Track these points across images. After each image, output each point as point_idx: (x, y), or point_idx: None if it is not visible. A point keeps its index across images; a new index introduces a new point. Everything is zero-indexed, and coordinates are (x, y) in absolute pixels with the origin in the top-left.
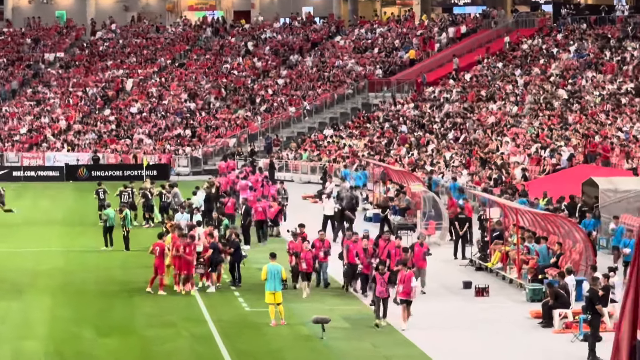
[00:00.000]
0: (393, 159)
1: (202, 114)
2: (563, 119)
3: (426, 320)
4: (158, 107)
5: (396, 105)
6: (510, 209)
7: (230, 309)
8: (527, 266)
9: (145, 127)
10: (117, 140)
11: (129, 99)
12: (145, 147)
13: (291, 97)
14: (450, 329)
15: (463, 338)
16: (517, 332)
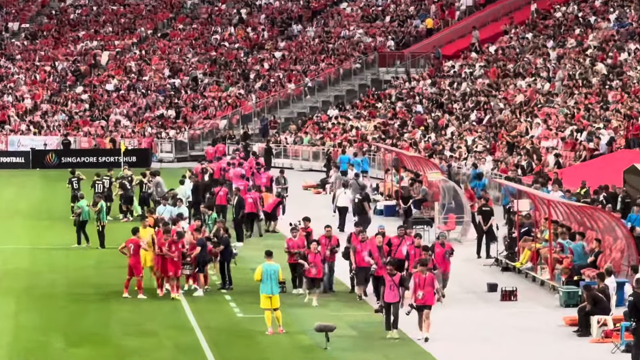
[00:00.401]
0: (407, 144)
1: (188, 92)
2: (602, 98)
3: (445, 329)
4: (137, 83)
5: (411, 82)
6: (542, 201)
7: (220, 315)
8: (560, 266)
9: (122, 107)
10: (90, 122)
11: (105, 75)
12: (123, 130)
13: (290, 72)
14: (473, 339)
15: (487, 349)
16: (549, 341)
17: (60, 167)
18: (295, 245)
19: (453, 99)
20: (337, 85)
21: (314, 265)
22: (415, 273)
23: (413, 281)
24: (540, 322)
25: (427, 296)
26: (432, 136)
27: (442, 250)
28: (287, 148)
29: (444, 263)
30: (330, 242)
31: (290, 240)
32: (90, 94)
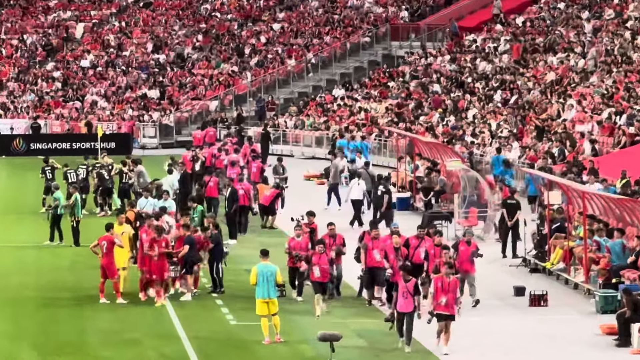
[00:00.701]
0: (423, 128)
1: (175, 69)
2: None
3: (466, 339)
4: (117, 59)
5: (427, 58)
6: (576, 193)
7: (211, 322)
8: (597, 267)
9: (100, 86)
10: (63, 103)
11: (79, 50)
12: (101, 112)
13: (290, 47)
14: (497, 350)
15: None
16: (583, 353)
17: (28, 154)
18: (298, 246)
19: (475, 77)
20: (344, 61)
21: (318, 268)
22: (437, 277)
23: (434, 286)
24: (573, 331)
25: (450, 303)
26: (452, 119)
27: (468, 250)
28: (287, 133)
29: (467, 264)
30: (335, 242)
31: (292, 241)
32: (63, 72)
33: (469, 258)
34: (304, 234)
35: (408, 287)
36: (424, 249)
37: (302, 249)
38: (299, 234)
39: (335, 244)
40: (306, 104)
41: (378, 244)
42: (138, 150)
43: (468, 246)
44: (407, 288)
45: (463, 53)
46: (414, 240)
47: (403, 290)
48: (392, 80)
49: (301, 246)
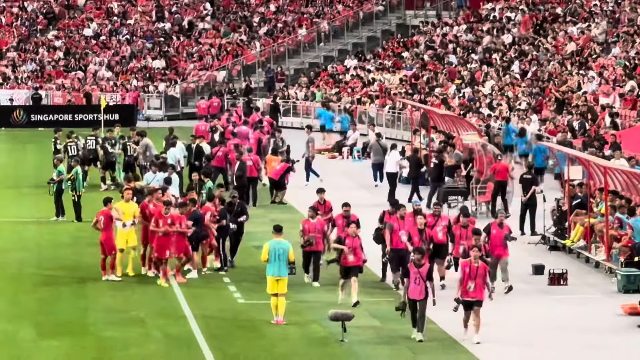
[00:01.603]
0: (438, 100)
1: (181, 39)
2: None
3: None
4: (121, 28)
5: (443, 28)
6: (597, 168)
7: (218, 301)
8: (618, 245)
9: (103, 56)
10: (65, 73)
11: (82, 18)
12: (104, 83)
13: (301, 15)
14: (514, 330)
15: (531, 342)
16: (604, 333)
17: (29, 125)
18: (313, 228)
19: (492, 47)
20: (356, 31)
21: (351, 251)
22: (464, 262)
23: (462, 271)
24: (594, 311)
25: (478, 289)
26: (468, 91)
27: (501, 233)
28: (297, 105)
29: (500, 248)
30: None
31: (306, 223)
32: (64, 41)
33: (502, 242)
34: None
35: (421, 273)
36: (441, 227)
37: (318, 232)
38: (313, 216)
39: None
40: (317, 74)
41: (403, 224)
42: (142, 122)
43: (500, 229)
44: (419, 274)
45: (480, 22)
46: (430, 219)
47: (415, 276)
48: (406, 51)
49: (316, 228)
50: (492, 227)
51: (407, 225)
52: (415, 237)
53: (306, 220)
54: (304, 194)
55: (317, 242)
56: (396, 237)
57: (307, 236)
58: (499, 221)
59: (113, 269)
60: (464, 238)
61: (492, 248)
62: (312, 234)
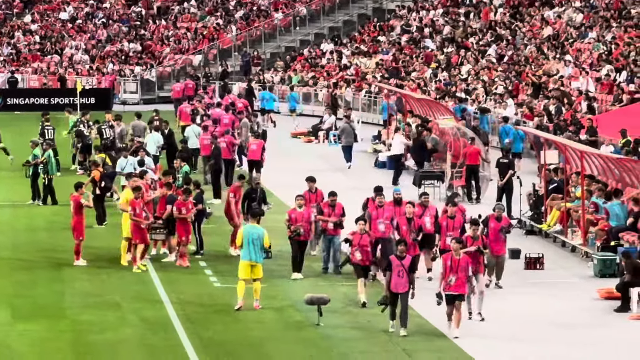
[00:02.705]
0: (415, 84)
1: (157, 22)
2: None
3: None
4: (97, 12)
5: (419, 12)
6: (573, 152)
7: (195, 285)
8: (595, 229)
9: (79, 40)
10: (41, 56)
11: (58, 1)
12: (80, 67)
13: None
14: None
15: (506, 326)
16: (581, 317)
17: (5, 109)
18: (301, 217)
19: (469, 31)
20: (332, 15)
21: (359, 249)
22: (446, 254)
23: (443, 264)
24: (570, 295)
25: (459, 283)
26: (445, 75)
27: (498, 226)
28: (274, 88)
29: (498, 243)
30: (335, 213)
31: (293, 212)
32: (40, 24)
33: (500, 236)
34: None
35: (404, 264)
36: (429, 217)
37: (306, 221)
38: (301, 204)
39: (334, 214)
40: (293, 58)
41: (382, 212)
42: (119, 106)
43: (498, 222)
44: (402, 265)
45: (456, 6)
46: (418, 209)
47: (398, 269)
48: (382, 35)
49: (304, 217)
50: (490, 220)
51: (387, 213)
52: (404, 226)
53: (293, 209)
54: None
55: (305, 232)
56: (374, 225)
57: (294, 226)
58: (497, 214)
59: (78, 254)
60: (451, 229)
61: (490, 243)
62: (299, 223)
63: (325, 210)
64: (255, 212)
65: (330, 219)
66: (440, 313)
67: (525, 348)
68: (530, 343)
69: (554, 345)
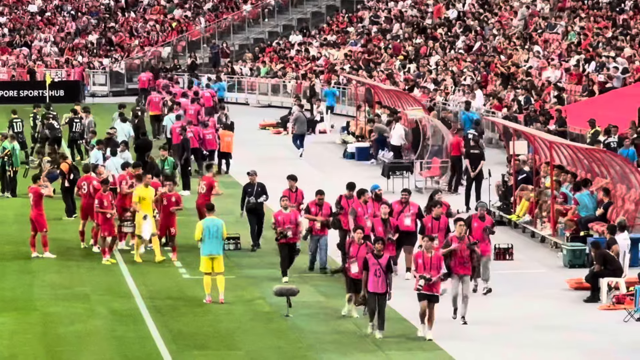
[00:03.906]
0: (383, 75)
1: (125, 14)
2: (613, 21)
3: None
4: (65, 4)
5: (388, 3)
6: (542, 143)
7: (164, 277)
8: (564, 219)
9: (48, 32)
10: (9, 49)
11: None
12: (49, 59)
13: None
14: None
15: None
16: (550, 308)
17: None
18: (288, 220)
19: (437, 22)
20: (301, 6)
21: (355, 262)
22: (417, 252)
23: (415, 262)
24: (540, 285)
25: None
26: (413, 66)
27: (482, 225)
28: (242, 80)
29: (482, 243)
30: (322, 212)
31: (279, 214)
32: (9, 17)
33: (483, 235)
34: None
35: (381, 263)
36: (409, 214)
37: (292, 223)
38: (287, 206)
39: (322, 214)
40: (262, 50)
41: (367, 208)
42: (88, 98)
43: (482, 222)
44: (379, 264)
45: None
46: (397, 206)
47: (375, 268)
48: (351, 25)
49: (290, 219)
50: (473, 220)
51: (371, 209)
52: (379, 227)
53: (279, 211)
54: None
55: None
56: (361, 222)
57: (280, 228)
58: (480, 214)
59: (46, 246)
60: (436, 230)
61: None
62: (287, 225)
63: (313, 209)
64: (210, 205)
65: (318, 218)
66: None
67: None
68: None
69: (522, 335)
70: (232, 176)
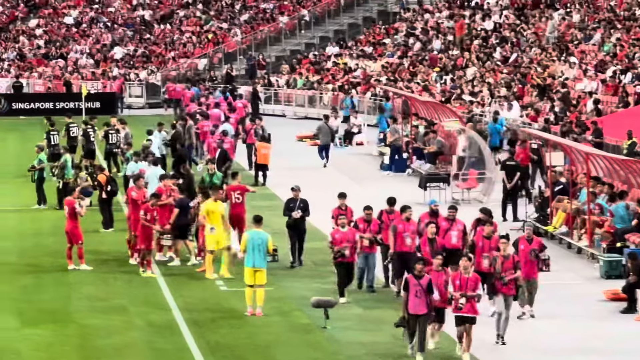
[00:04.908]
0: (420, 87)
1: (162, 26)
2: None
3: None
4: (101, 16)
5: (424, 15)
6: (579, 154)
7: (201, 289)
8: (600, 230)
9: (84, 44)
10: (46, 61)
11: (63, 5)
12: (85, 71)
13: (282, 2)
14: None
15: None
16: (587, 319)
17: (10, 114)
18: (345, 239)
19: (474, 34)
20: (338, 17)
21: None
22: (454, 273)
23: (452, 284)
24: (576, 296)
25: (469, 304)
26: (449, 78)
27: (529, 248)
28: (279, 92)
29: (528, 266)
30: (370, 228)
31: (336, 232)
32: (45, 29)
33: (530, 257)
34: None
35: (421, 284)
36: (456, 231)
37: (350, 241)
38: (344, 224)
39: (370, 230)
40: (299, 62)
41: (408, 226)
42: (125, 110)
43: (529, 244)
44: (420, 285)
45: (461, 8)
46: (444, 223)
47: (416, 289)
48: (387, 37)
49: (348, 238)
50: (520, 242)
51: (414, 227)
52: (425, 246)
53: (336, 230)
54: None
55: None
56: (400, 239)
57: (337, 247)
58: (528, 236)
59: (81, 258)
60: (487, 250)
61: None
62: (344, 244)
63: (361, 226)
64: (258, 217)
65: (366, 235)
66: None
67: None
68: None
69: (560, 347)
70: (269, 188)
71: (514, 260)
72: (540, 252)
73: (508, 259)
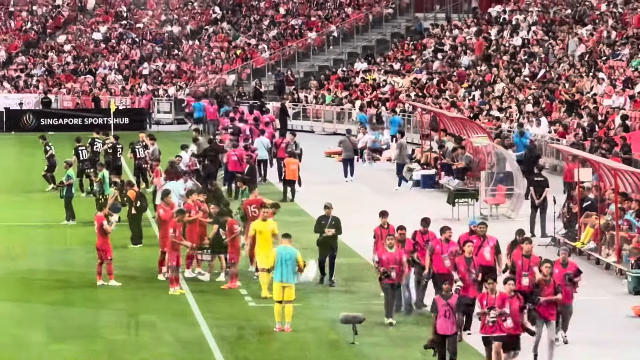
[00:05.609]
0: (448, 103)
1: (190, 42)
2: None
3: None
4: (130, 32)
5: (452, 31)
6: (607, 170)
7: (230, 305)
8: (629, 246)
9: (112, 60)
10: (74, 77)
11: (91, 21)
12: (113, 87)
13: (309, 18)
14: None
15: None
16: (616, 334)
17: (38, 130)
18: (392, 259)
19: (502, 50)
20: (366, 34)
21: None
22: (481, 294)
23: (480, 304)
24: (605, 312)
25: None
26: (478, 94)
27: (563, 272)
28: (307, 108)
29: (563, 291)
30: (405, 248)
31: (383, 252)
32: (74, 44)
33: (565, 282)
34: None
35: (450, 304)
36: (489, 248)
37: (397, 262)
38: (392, 245)
39: (404, 250)
40: (327, 78)
41: (447, 247)
42: (153, 126)
43: (564, 268)
44: (449, 305)
45: (490, 25)
46: (476, 240)
47: (445, 309)
48: (416, 53)
49: (395, 259)
50: (555, 265)
51: (453, 248)
52: (462, 266)
53: (383, 250)
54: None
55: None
56: (437, 259)
57: (383, 268)
58: (563, 260)
59: (110, 274)
60: (527, 268)
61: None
62: (391, 265)
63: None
64: (287, 234)
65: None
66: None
67: None
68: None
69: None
70: (298, 204)
71: (554, 285)
72: (575, 277)
73: (549, 284)
